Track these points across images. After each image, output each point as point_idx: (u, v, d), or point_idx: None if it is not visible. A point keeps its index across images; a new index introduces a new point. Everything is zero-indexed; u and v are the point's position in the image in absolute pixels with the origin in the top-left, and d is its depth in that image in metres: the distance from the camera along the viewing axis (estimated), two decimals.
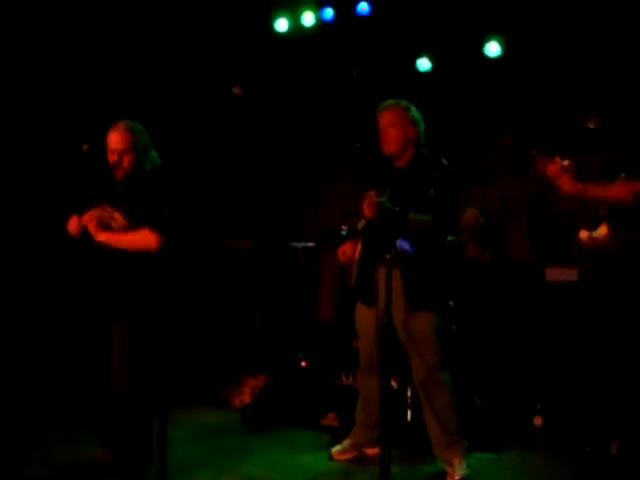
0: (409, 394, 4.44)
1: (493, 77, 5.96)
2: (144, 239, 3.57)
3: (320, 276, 6.88)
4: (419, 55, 6.10)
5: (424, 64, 6.12)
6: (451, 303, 4.74)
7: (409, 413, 4.44)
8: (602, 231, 3.41)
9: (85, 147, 3.72)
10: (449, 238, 4.20)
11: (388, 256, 3.24)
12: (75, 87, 5.69)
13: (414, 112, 4.04)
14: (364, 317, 4.09)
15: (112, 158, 3.70)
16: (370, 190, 3.77)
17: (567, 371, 5.15)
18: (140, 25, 5.97)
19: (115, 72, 6.02)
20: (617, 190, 3.22)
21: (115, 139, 3.70)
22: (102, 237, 3.63)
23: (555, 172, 3.40)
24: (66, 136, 4.55)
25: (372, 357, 4.03)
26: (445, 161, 3.99)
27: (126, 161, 3.69)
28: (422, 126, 4.05)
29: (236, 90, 3.22)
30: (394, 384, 4.52)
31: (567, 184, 3.34)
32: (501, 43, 5.73)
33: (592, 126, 3.04)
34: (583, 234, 3.48)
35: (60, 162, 5.28)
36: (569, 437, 4.61)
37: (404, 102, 4.05)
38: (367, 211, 3.75)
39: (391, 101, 4.06)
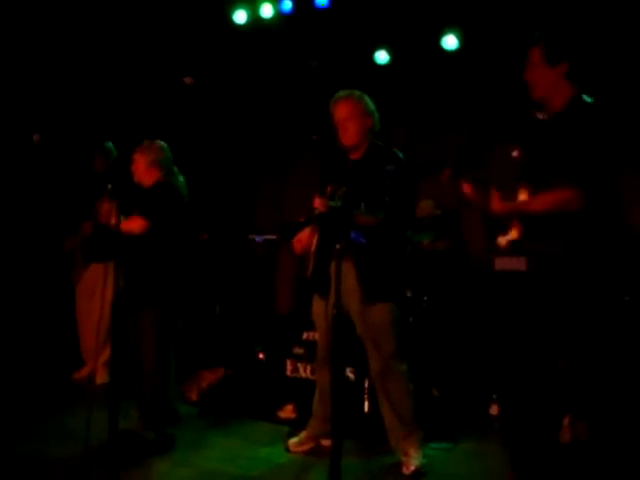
0: (366, 385, 4.45)
1: (450, 69, 6.00)
2: (136, 221, 4.30)
3: (278, 268, 6.86)
4: (377, 48, 6.13)
5: (382, 57, 6.15)
6: (408, 294, 4.76)
7: (366, 404, 4.46)
8: (514, 234, 3.38)
9: (36, 138, 3.69)
10: (408, 234, 4.20)
11: (338, 246, 3.24)
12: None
13: (368, 102, 4.04)
14: (320, 309, 4.04)
15: None
16: (324, 187, 3.78)
17: (523, 360, 5.20)
18: (95, 13, 5.91)
19: (71, 61, 5.96)
20: (541, 202, 3.13)
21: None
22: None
23: (471, 192, 3.40)
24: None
25: (328, 349, 4.03)
26: (400, 153, 3.99)
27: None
28: (377, 115, 4.05)
29: (187, 80, 3.20)
30: (351, 375, 4.53)
31: (496, 204, 3.30)
32: (458, 36, 5.78)
33: (541, 117, 3.02)
34: (501, 240, 3.47)
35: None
36: (525, 426, 4.66)
37: (357, 92, 4.04)
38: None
39: (344, 92, 4.03)
